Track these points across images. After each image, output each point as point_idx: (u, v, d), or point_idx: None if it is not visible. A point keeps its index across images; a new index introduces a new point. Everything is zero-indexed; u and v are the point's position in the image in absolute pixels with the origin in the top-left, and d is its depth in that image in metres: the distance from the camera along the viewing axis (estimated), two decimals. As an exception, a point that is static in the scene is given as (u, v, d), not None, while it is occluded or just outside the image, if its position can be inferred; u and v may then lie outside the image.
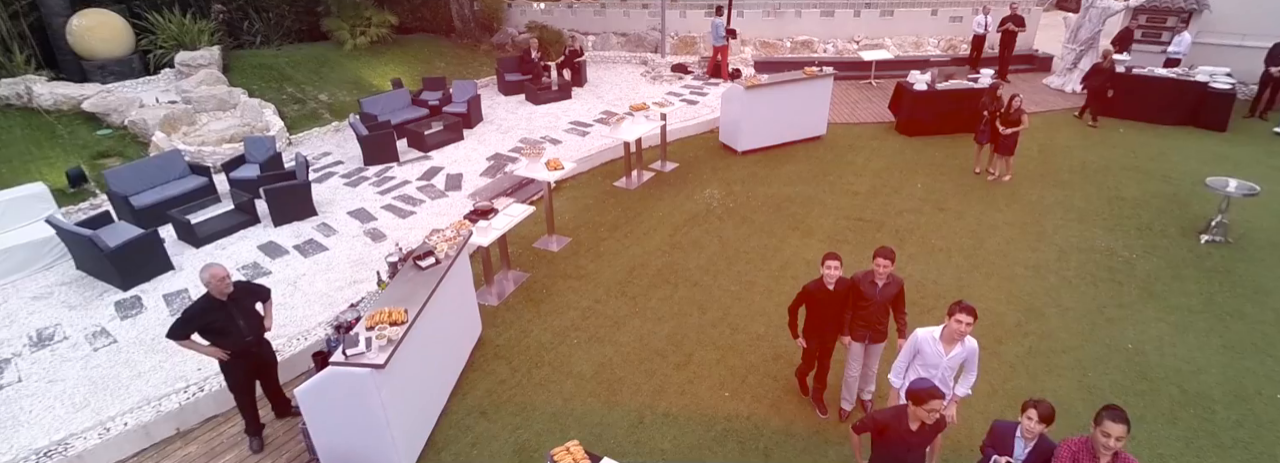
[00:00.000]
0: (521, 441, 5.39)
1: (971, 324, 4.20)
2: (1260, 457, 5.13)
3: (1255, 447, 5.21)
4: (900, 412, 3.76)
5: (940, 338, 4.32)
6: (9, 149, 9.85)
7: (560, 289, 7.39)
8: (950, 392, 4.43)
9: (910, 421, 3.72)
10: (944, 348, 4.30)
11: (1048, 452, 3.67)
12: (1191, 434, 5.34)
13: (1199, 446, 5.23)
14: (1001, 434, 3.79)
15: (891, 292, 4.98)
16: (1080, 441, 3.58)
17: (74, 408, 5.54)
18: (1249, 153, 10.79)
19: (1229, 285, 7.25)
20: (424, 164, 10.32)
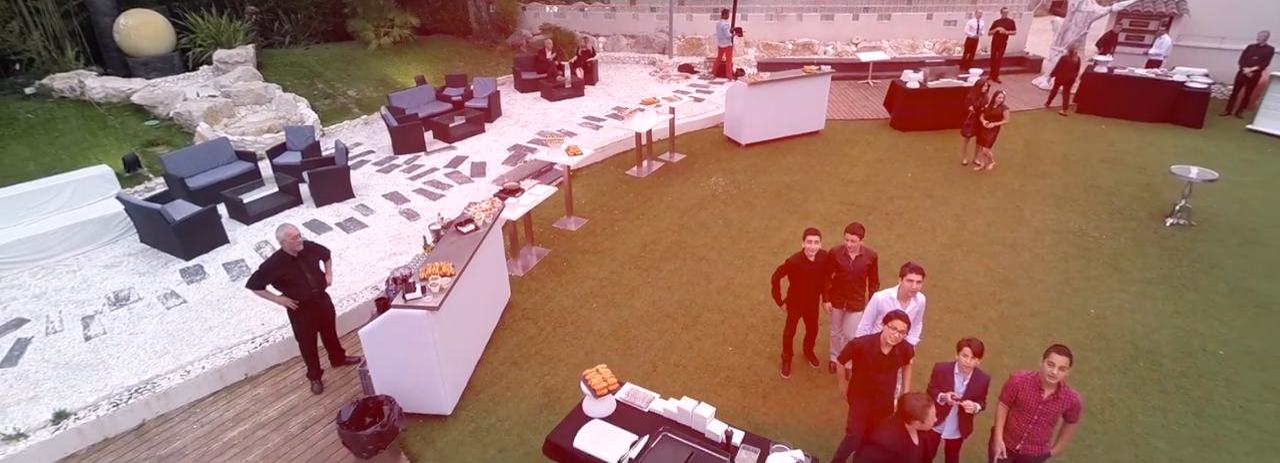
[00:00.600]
0: (548, 386, 6.15)
1: (920, 282, 4.95)
2: (1197, 400, 5.86)
3: (1194, 392, 5.95)
4: (874, 339, 4.52)
5: (897, 297, 5.06)
6: (67, 137, 10.67)
7: (579, 262, 8.16)
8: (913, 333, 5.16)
9: (882, 346, 4.47)
10: (901, 305, 5.04)
11: (982, 383, 4.40)
12: (1140, 382, 6.08)
13: (1145, 391, 5.97)
14: (942, 374, 4.50)
15: (864, 263, 5.67)
16: (1029, 375, 4.32)
17: (156, 355, 6.32)
18: (1221, 147, 11.53)
19: (1187, 262, 8.00)
20: (449, 154, 11.12)
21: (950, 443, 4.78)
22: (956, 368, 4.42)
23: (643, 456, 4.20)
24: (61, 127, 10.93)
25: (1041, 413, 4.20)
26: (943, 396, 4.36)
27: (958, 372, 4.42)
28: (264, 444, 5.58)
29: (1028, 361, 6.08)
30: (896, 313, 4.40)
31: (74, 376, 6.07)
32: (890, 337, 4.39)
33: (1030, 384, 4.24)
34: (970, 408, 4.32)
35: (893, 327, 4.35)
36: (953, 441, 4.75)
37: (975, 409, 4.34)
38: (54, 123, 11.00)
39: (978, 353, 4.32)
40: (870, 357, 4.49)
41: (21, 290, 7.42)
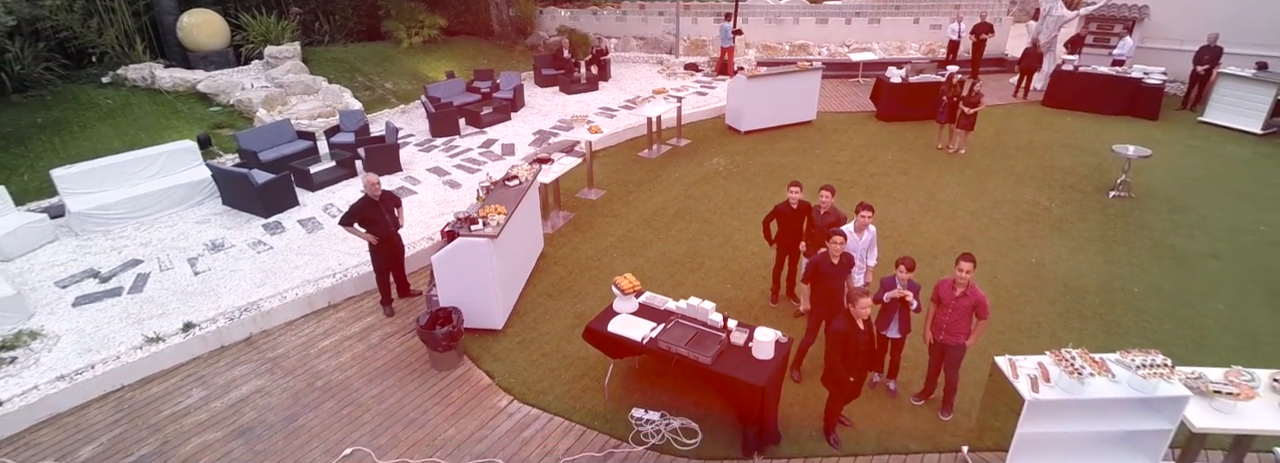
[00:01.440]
0: (578, 311, 7.52)
1: (871, 217, 6.34)
2: (1109, 323, 7.22)
3: (1107, 317, 7.30)
4: (825, 254, 5.89)
5: (855, 230, 6.43)
6: (144, 120, 12.13)
7: (599, 223, 9.55)
8: (864, 262, 6.52)
9: (831, 257, 5.85)
10: (857, 235, 6.41)
11: (915, 289, 5.72)
12: (1064, 311, 7.44)
13: (1067, 316, 7.33)
14: (887, 284, 5.81)
15: (829, 221, 6.90)
16: (948, 279, 5.67)
17: (255, 285, 7.72)
18: (1172, 136, 12.91)
19: (1121, 225, 9.37)
20: (481, 137, 12.55)
21: (895, 342, 6.12)
22: (896, 279, 5.77)
23: (660, 335, 5.58)
24: (137, 111, 12.40)
25: (956, 307, 5.55)
26: (889, 294, 5.71)
27: (898, 282, 5.78)
28: (351, 350, 6.96)
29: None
30: (837, 231, 5.78)
31: (191, 300, 7.47)
32: (834, 250, 5.76)
33: (947, 285, 5.60)
34: (907, 298, 5.64)
35: (833, 241, 5.72)
36: (897, 340, 6.09)
37: (912, 301, 5.67)
38: (130, 107, 12.47)
39: (910, 268, 5.67)
40: (825, 268, 5.86)
41: (130, 240, 8.83)
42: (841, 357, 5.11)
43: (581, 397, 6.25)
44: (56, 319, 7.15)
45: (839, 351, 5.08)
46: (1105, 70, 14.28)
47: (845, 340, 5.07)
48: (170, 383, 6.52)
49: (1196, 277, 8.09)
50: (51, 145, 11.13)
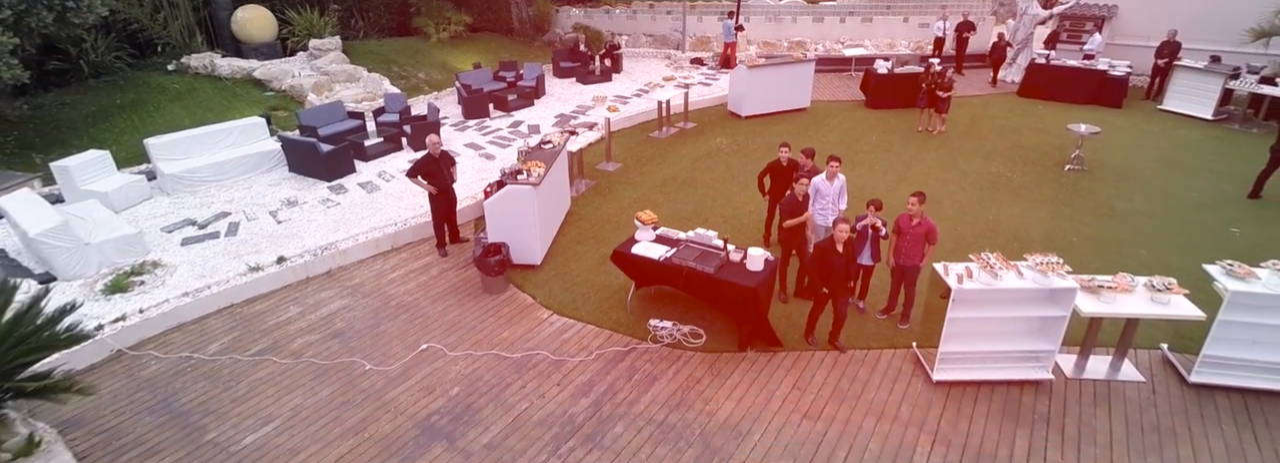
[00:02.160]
0: (602, 254, 8.98)
1: (838, 167, 7.82)
2: (1047, 262, 8.66)
3: (1046, 258, 8.75)
4: (792, 194, 7.35)
5: (826, 178, 7.92)
6: (208, 102, 13.68)
7: (617, 189, 11.05)
8: (835, 206, 7.99)
9: (797, 195, 7.30)
10: (829, 182, 7.90)
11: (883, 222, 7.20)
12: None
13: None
14: (859, 220, 7.29)
15: (807, 172, 8.40)
16: (905, 214, 7.14)
17: (330, 231, 9.23)
18: (1132, 122, 14.38)
19: (1071, 191, 10.84)
20: (508, 119, 14.08)
21: (866, 269, 7.59)
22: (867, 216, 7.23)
23: (674, 254, 7.07)
24: (201, 94, 13.96)
25: (912, 235, 7.02)
26: (864, 222, 7.14)
27: (876, 228, 7.23)
28: (416, 280, 8.46)
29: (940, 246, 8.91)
30: (803, 174, 7.28)
31: (278, 241, 8.98)
32: (798, 189, 7.27)
33: (906, 218, 7.08)
34: (877, 224, 7.06)
35: (799, 182, 7.24)
36: (868, 267, 7.56)
37: (881, 226, 7.09)
38: (195, 91, 14.03)
39: (878, 208, 7.12)
40: (792, 206, 7.33)
41: (215, 197, 10.36)
42: (819, 270, 6.58)
43: (609, 312, 7.74)
44: (170, 255, 8.67)
45: (817, 264, 6.55)
46: (1074, 63, 15.77)
47: (824, 256, 6.54)
48: (271, 302, 8.02)
49: (1128, 230, 9.56)
50: (132, 122, 12.68)
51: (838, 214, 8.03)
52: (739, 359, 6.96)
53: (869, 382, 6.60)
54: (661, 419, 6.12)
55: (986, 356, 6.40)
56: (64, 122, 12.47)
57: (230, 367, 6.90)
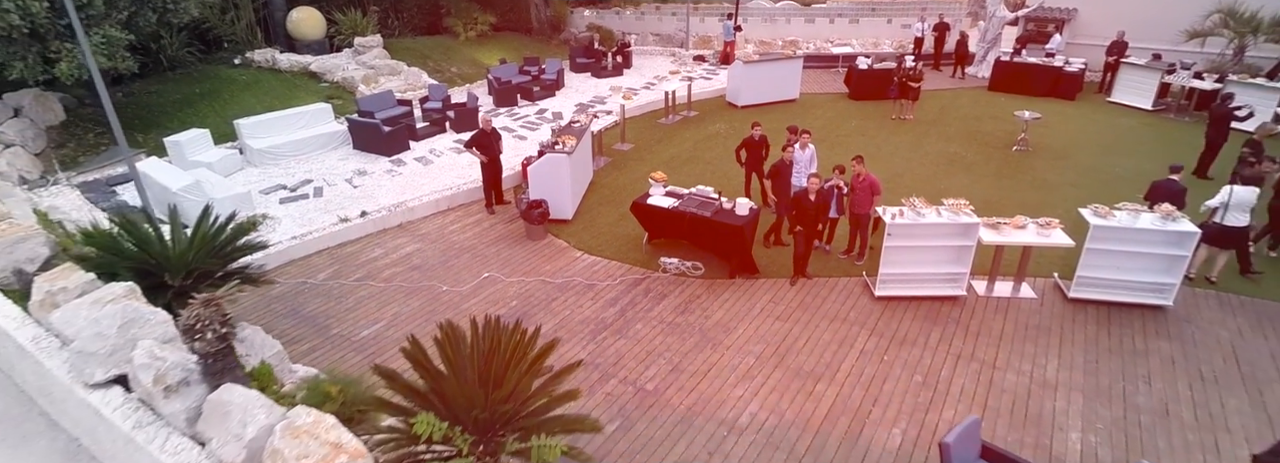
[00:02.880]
0: (620, 212, 11.10)
1: (809, 138, 9.96)
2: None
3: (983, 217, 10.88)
4: (782, 160, 9.51)
5: (799, 147, 10.06)
6: (274, 91, 15.84)
7: (631, 165, 13.19)
8: (808, 170, 10.11)
9: (809, 193, 9.44)
10: (802, 151, 10.04)
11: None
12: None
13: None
14: (827, 182, 9.44)
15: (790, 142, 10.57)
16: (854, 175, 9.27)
17: (397, 194, 11.40)
18: (1082, 112, 16.48)
19: (1013, 167, 12.97)
20: (534, 107, 16.25)
21: (832, 220, 9.72)
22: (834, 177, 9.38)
23: (680, 204, 9.22)
24: (266, 85, 16.13)
25: (859, 188, 9.15)
26: (830, 183, 9.26)
27: (838, 187, 9.37)
28: (472, 231, 10.62)
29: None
30: (787, 145, 9.43)
31: (356, 201, 11.15)
32: (786, 157, 9.39)
33: (854, 177, 9.22)
34: (840, 185, 9.18)
35: (786, 151, 9.37)
36: (833, 219, 9.69)
37: (843, 187, 9.21)
38: (261, 82, 16.20)
39: (841, 172, 9.26)
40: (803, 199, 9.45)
41: (296, 169, 12.53)
42: (796, 211, 8.73)
43: (628, 253, 9.89)
44: (273, 210, 10.84)
45: (795, 207, 8.71)
46: (1034, 60, 17.90)
47: (800, 202, 8.69)
48: (358, 246, 10.19)
49: (1054, 197, 11.67)
50: (212, 108, 14.85)
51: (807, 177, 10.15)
52: (728, 284, 9.10)
53: (827, 298, 8.74)
54: (670, 320, 8.27)
55: (914, 277, 8.53)
56: (155, 107, 14.65)
57: (338, 289, 9.06)
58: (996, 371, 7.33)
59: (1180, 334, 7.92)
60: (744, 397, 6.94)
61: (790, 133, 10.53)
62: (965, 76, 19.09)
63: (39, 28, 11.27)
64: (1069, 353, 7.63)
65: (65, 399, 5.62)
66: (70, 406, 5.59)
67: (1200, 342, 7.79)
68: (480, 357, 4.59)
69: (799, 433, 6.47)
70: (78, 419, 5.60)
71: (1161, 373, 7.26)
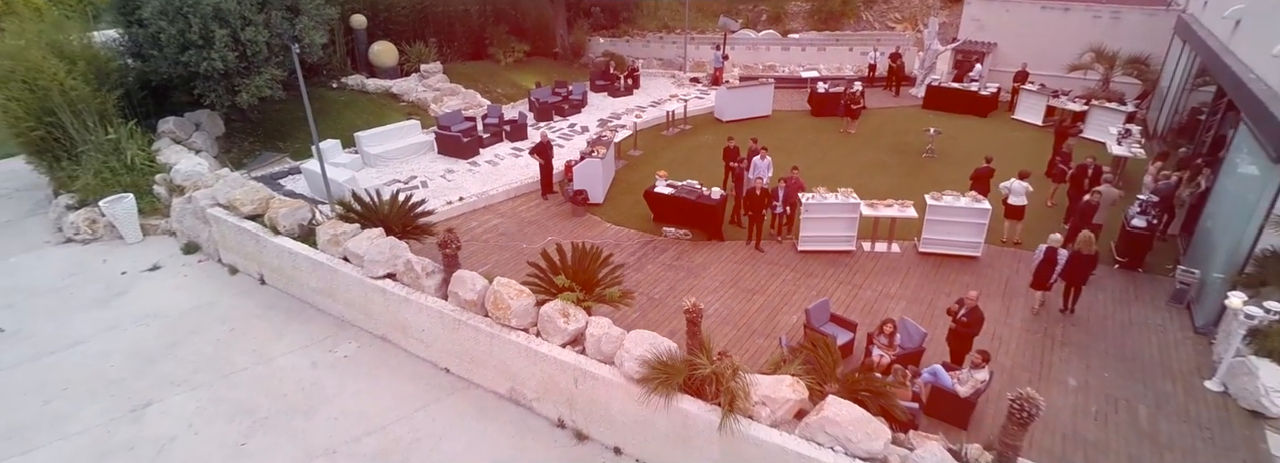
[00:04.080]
0: (635, 199, 16.39)
1: (765, 152, 15.25)
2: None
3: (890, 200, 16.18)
4: (742, 161, 14.82)
5: (759, 158, 15.34)
6: (367, 109, 21.14)
7: (642, 166, 18.48)
8: (763, 175, 15.38)
9: (756, 189, 14.76)
10: (761, 161, 15.32)
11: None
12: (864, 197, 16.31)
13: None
14: (775, 188, 14.73)
15: (754, 151, 15.86)
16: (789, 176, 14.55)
17: (479, 185, 16.70)
18: (989, 127, 21.77)
19: (920, 170, 18.24)
20: (566, 122, 21.57)
21: (779, 214, 14.97)
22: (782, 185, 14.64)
23: (676, 191, 14.52)
24: (360, 105, 21.45)
25: (789, 188, 14.42)
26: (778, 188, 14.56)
27: (781, 187, 14.63)
28: (534, 211, 15.92)
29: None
30: (753, 154, 14.76)
31: (453, 190, 16.43)
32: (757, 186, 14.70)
33: (788, 178, 14.50)
34: (779, 187, 14.45)
35: (752, 155, 14.68)
36: (779, 214, 14.93)
37: (780, 189, 14.50)
38: (355, 103, 21.52)
39: (796, 169, 14.54)
40: (752, 195, 14.76)
41: (402, 168, 17.83)
42: (747, 201, 14.01)
43: (641, 225, 15.17)
44: (397, 197, 16.12)
45: (747, 200, 13.99)
46: (956, 85, 23.22)
47: (752, 195, 13.97)
48: (462, 220, 15.45)
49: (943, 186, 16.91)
50: (325, 123, 20.11)
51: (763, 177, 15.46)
52: (707, 244, 14.38)
53: (769, 254, 14.02)
54: (668, 263, 13.54)
55: (822, 238, 13.80)
56: (284, 122, 19.95)
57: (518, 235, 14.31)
58: (861, 289, 12.61)
59: (978, 271, 13.21)
60: (711, 301, 12.18)
61: (753, 144, 15.83)
62: (900, 94, 24.32)
63: (229, 70, 16.57)
64: (909, 281, 12.90)
65: (348, 290, 10.88)
66: (353, 294, 10.87)
67: (989, 276, 13.07)
68: (576, 257, 9.88)
69: (741, 316, 11.73)
70: (352, 301, 10.90)
71: (958, 291, 12.50)
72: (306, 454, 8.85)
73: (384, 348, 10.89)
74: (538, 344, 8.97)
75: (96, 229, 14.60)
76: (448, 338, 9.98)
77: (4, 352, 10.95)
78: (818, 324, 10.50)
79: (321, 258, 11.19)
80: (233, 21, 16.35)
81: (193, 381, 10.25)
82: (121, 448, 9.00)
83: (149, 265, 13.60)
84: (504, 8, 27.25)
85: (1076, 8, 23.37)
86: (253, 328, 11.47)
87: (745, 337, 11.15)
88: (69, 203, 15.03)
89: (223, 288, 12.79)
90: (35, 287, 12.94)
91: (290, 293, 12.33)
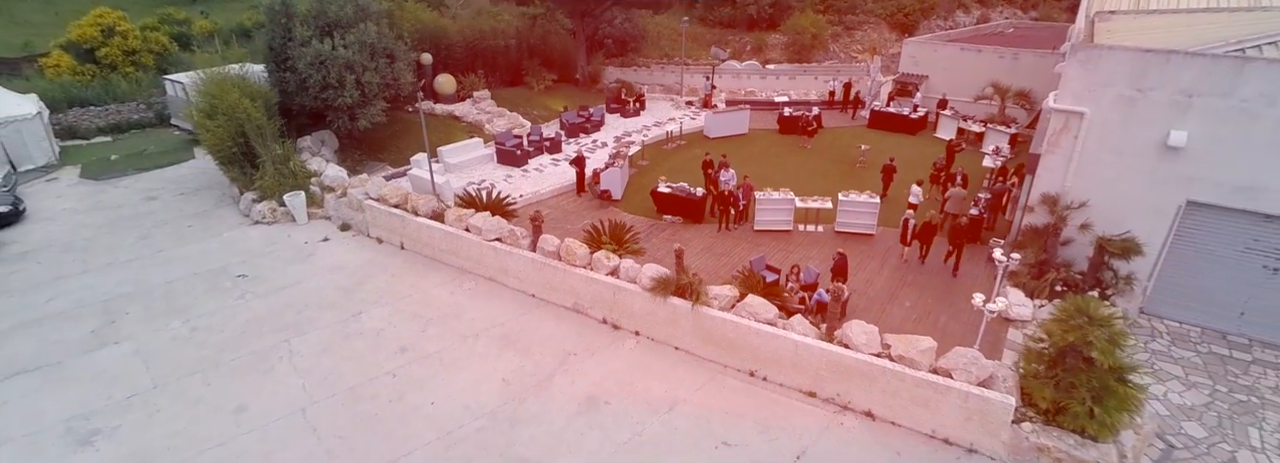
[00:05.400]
0: (643, 196, 23.68)
1: (728, 166, 22.52)
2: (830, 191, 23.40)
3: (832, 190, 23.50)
4: (716, 172, 22.14)
5: (727, 169, 22.61)
6: (437, 129, 28.44)
7: (649, 172, 25.77)
8: (729, 182, 22.66)
9: (723, 186, 22.08)
10: (728, 171, 22.60)
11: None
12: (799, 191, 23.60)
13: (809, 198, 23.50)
14: (739, 187, 22.00)
15: (722, 164, 23.14)
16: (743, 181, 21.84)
17: (533, 186, 24.02)
18: (916, 143, 29.03)
19: (851, 175, 25.52)
20: (589, 138, 28.91)
21: (738, 210, 22.21)
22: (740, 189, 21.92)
23: (673, 189, 21.82)
24: (431, 125, 28.73)
25: (743, 189, 21.69)
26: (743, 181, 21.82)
27: (739, 190, 21.91)
28: (573, 203, 23.26)
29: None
30: (721, 167, 22.11)
31: (512, 189, 23.72)
32: (728, 188, 22.01)
33: (744, 182, 21.79)
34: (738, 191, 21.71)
35: (721, 167, 22.01)
36: (741, 209, 22.17)
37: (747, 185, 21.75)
38: (428, 124, 28.83)
39: (747, 177, 21.81)
40: (722, 194, 22.05)
41: (473, 174, 25.16)
42: (717, 199, 21.29)
43: (649, 214, 22.45)
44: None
45: (716, 198, 21.28)
46: (893, 109, 30.55)
47: (719, 194, 21.26)
48: (531, 210, 22.71)
49: (864, 187, 24.17)
50: (408, 141, 27.42)
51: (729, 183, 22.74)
52: (692, 226, 21.67)
53: (735, 231, 21.29)
54: (667, 237, 20.81)
55: (769, 222, 21.06)
56: (380, 140, 27.26)
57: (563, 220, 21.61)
58: (792, 253, 19.84)
59: (872, 243, 20.45)
60: (692, 262, 19.37)
61: (722, 159, 23.12)
62: (855, 116, 31.67)
63: (352, 103, 23.85)
64: (823, 250, 20.11)
65: (468, 249, 18.35)
66: (471, 251, 18.33)
67: (879, 246, 20.28)
68: (610, 229, 17.16)
69: (712, 269, 18.95)
70: (470, 256, 18.37)
71: (853, 254, 19.70)
72: (462, 336, 16.06)
73: (492, 285, 18.13)
74: (592, 274, 16.21)
75: (275, 215, 21.87)
76: (535, 275, 17.21)
77: (256, 288, 18.21)
78: (757, 269, 17.72)
79: (451, 229, 18.45)
80: (357, 69, 23.72)
81: (380, 302, 17.50)
82: (354, 334, 16.22)
83: (321, 238, 20.89)
84: (536, 43, 34.66)
85: (987, 49, 30.72)
86: (405, 273, 18.72)
87: (712, 279, 18.36)
88: (254, 197, 22.30)
89: (376, 252, 20.06)
90: (251, 251, 20.21)
91: (423, 254, 19.58)
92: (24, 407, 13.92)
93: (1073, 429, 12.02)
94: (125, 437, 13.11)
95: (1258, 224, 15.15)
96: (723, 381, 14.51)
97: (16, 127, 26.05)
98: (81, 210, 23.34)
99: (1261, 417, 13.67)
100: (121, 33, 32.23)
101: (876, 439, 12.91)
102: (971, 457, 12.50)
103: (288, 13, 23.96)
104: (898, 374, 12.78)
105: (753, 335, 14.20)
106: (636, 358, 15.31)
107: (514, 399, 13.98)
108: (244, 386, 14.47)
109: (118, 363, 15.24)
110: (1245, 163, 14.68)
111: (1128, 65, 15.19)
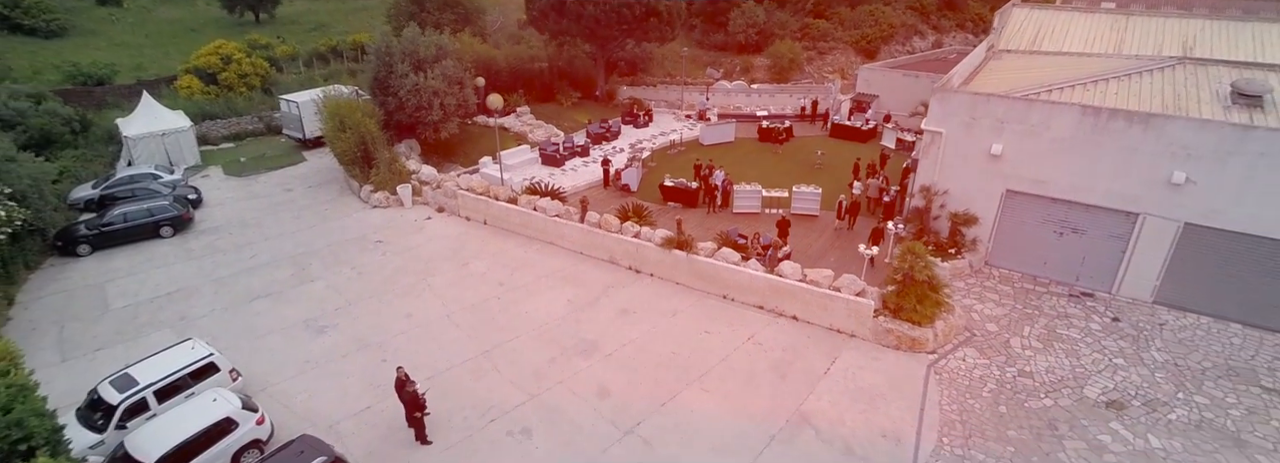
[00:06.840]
0: (653, 189, 32.99)
1: (714, 167, 31.86)
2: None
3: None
4: (707, 174, 31.50)
5: (715, 170, 31.94)
6: (491, 138, 37.80)
7: (656, 172, 35.14)
8: (717, 180, 31.98)
9: (707, 173, 31.44)
10: (717, 172, 31.94)
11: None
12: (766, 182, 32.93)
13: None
14: (722, 182, 31.32)
15: (711, 167, 32.43)
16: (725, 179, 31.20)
17: (569, 181, 33.41)
18: (863, 149, 38.33)
19: (810, 173, 34.89)
20: (610, 145, 38.32)
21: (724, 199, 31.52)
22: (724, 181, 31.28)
23: (675, 185, 31.18)
24: (488, 135, 38.17)
25: (725, 183, 31.01)
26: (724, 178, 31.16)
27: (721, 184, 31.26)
28: (599, 195, 32.68)
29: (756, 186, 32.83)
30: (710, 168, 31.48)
31: (558, 182, 33.05)
32: (715, 183, 31.38)
33: (726, 178, 31.14)
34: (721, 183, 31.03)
35: (713, 169, 31.39)
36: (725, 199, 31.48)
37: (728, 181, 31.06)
38: (485, 134, 38.28)
39: (726, 172, 31.15)
40: (712, 188, 31.40)
41: (525, 173, 34.52)
42: (707, 191, 30.64)
43: (657, 201, 31.78)
44: (530, 187, 32.80)
45: (707, 190, 30.63)
46: (849, 122, 39.90)
47: (711, 188, 30.60)
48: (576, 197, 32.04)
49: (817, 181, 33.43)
50: (473, 146, 36.74)
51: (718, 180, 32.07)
52: (688, 210, 31.04)
53: (719, 213, 30.62)
54: (671, 216, 30.10)
55: (744, 206, 30.39)
56: (450, 145, 36.62)
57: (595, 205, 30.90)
58: (757, 226, 29.09)
59: (816, 221, 29.74)
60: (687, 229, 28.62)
61: (710, 163, 32.48)
62: (824, 127, 41.09)
63: (436, 119, 33.19)
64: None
65: (536, 223, 28.07)
66: (538, 225, 28.17)
67: (822, 223, 29.57)
68: (633, 208, 26.52)
69: (702, 233, 28.22)
70: (537, 228, 28.12)
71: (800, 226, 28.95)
72: (537, 276, 25.42)
73: (552, 247, 27.46)
74: (622, 237, 25.56)
75: (388, 201, 31.20)
76: (582, 239, 26.56)
77: (391, 248, 27.58)
78: (731, 235, 26.98)
79: (523, 209, 27.81)
80: (441, 94, 33.15)
81: (479, 257, 26.84)
82: (467, 275, 25.57)
83: (426, 217, 30.23)
84: (563, 67, 44.01)
85: (923, 75, 40.08)
86: (491, 240, 28.05)
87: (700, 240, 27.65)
88: (371, 189, 31.62)
89: (467, 227, 29.38)
90: (378, 226, 29.55)
91: (502, 228, 28.91)
92: (273, 314, 23.25)
93: (907, 320, 21.28)
94: (344, 329, 22.43)
95: (1048, 205, 24.43)
96: (705, 300, 23.86)
97: (176, 136, 35.42)
98: (241, 199, 32.70)
99: (1034, 322, 22.93)
100: (237, 61, 41.56)
101: (798, 329, 22.24)
102: (851, 339, 21.78)
103: (390, 52, 33.29)
104: (809, 291, 22.09)
105: (725, 272, 23.51)
106: (651, 289, 24.66)
107: (576, 310, 23.32)
108: (405, 303, 23.81)
109: (320, 291, 24.58)
110: (1036, 165, 23.96)
111: (966, 102, 24.49)
